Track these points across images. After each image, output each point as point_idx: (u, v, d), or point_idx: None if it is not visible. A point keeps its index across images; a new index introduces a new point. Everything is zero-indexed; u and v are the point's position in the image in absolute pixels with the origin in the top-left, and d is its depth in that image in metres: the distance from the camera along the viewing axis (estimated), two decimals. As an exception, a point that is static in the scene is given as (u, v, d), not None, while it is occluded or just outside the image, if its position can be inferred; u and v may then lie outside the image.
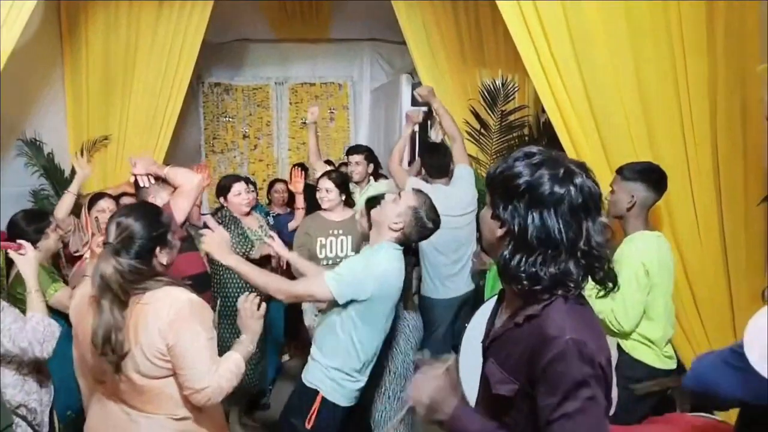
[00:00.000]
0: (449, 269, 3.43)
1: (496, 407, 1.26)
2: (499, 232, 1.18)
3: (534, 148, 1.18)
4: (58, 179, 3.85)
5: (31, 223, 2.63)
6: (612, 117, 2.62)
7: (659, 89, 2.56)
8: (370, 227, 2.53)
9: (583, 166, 1.15)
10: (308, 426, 2.25)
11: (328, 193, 3.23)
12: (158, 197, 2.63)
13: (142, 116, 4.02)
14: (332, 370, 2.27)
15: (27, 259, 2.11)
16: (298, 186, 4.03)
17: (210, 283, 3.37)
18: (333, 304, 2.23)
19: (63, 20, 3.97)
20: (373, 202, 2.71)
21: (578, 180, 1.11)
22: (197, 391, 1.69)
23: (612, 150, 2.66)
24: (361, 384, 2.34)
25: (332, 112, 6.74)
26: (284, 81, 6.63)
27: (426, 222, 2.31)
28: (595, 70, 2.61)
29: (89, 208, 3.23)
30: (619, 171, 2.40)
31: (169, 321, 1.66)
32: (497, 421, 1.26)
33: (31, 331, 1.99)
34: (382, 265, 2.23)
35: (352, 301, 2.19)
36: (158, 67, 3.98)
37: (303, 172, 4.09)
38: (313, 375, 2.30)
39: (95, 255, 1.78)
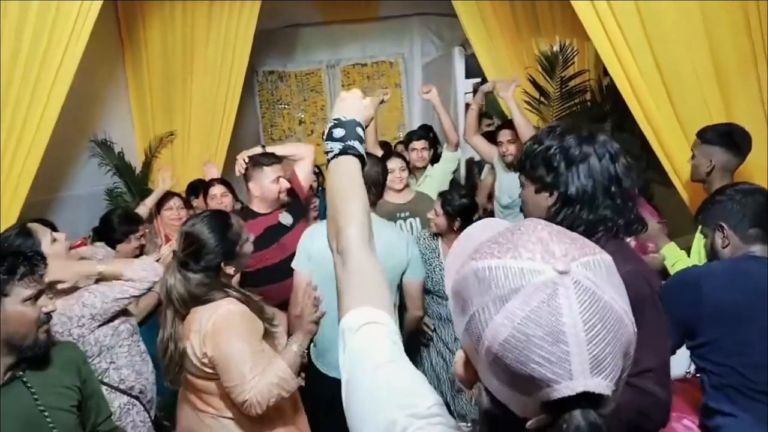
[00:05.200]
0: None
1: None
2: (550, 200, 1.30)
3: (554, 123, 1.38)
4: (130, 176, 4.03)
5: (122, 224, 2.74)
6: (683, 80, 2.49)
7: (733, 48, 2.40)
8: (448, 223, 2.59)
9: (600, 130, 1.36)
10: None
11: (402, 172, 3.17)
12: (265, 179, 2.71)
13: (204, 110, 4.14)
14: None
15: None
16: None
17: None
18: None
19: (121, 23, 4.12)
20: (444, 195, 2.69)
21: (600, 138, 1.29)
22: (239, 403, 1.64)
23: (684, 114, 2.53)
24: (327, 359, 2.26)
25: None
26: (335, 63, 6.61)
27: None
28: (662, 31, 2.47)
29: (159, 209, 3.33)
30: (700, 134, 2.33)
31: (207, 332, 1.65)
32: None
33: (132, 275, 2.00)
34: (310, 241, 2.27)
35: None
36: (215, 60, 4.08)
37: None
38: None
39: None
